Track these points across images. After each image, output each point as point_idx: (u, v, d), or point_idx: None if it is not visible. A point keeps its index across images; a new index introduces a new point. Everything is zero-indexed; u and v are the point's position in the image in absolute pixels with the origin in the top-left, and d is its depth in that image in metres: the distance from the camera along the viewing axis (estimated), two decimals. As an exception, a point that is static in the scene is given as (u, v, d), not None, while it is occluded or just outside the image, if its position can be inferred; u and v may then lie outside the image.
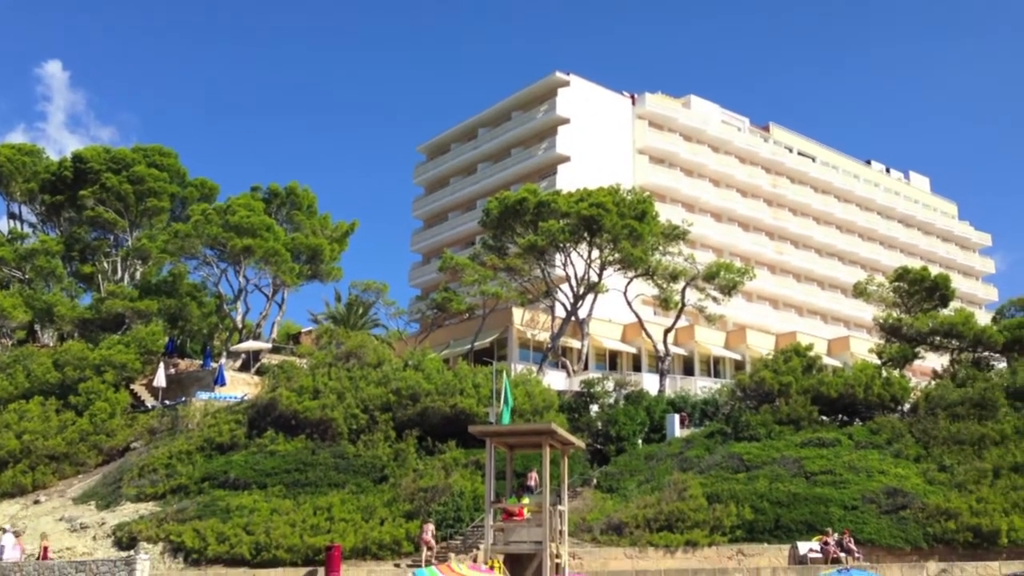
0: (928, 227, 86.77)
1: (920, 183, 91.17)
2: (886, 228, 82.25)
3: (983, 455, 34.37)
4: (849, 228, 79.37)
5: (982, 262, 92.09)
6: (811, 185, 77.46)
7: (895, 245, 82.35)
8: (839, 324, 72.74)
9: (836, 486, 31.76)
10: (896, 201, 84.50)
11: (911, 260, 69.65)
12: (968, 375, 41.84)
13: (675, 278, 49.55)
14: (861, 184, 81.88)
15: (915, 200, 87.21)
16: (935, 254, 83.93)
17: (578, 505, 31.45)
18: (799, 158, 77.88)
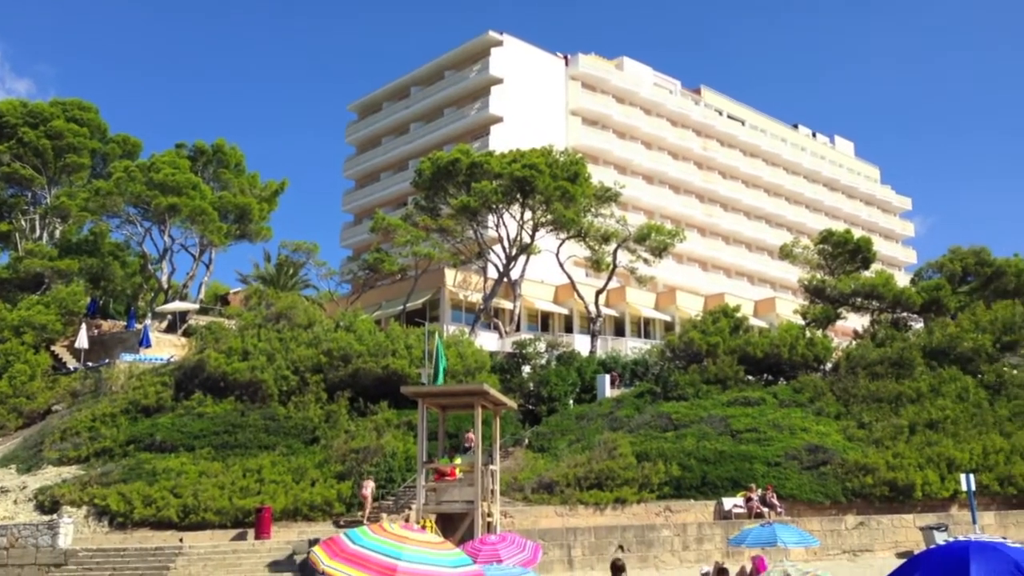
0: (852, 191, 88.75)
1: (845, 147, 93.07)
2: (812, 192, 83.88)
3: (900, 412, 35.66)
4: (776, 191, 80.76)
5: (902, 225, 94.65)
6: (740, 149, 78.46)
7: (820, 208, 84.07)
8: (766, 286, 74.21)
9: (760, 443, 32.62)
10: (822, 165, 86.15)
11: (835, 223, 71.15)
12: (887, 335, 43.18)
13: (607, 240, 49.91)
14: (788, 148, 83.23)
15: (840, 164, 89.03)
16: (858, 217, 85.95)
17: (510, 465, 31.75)
18: (729, 121, 78.73)
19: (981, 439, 33.69)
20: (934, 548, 11.52)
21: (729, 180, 76.44)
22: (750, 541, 18.79)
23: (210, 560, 23.84)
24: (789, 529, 19.01)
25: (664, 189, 70.56)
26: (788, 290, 70.32)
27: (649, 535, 26.30)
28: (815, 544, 21.57)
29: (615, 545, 25.57)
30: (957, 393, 37.49)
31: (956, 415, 35.49)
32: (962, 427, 34.74)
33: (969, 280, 50.90)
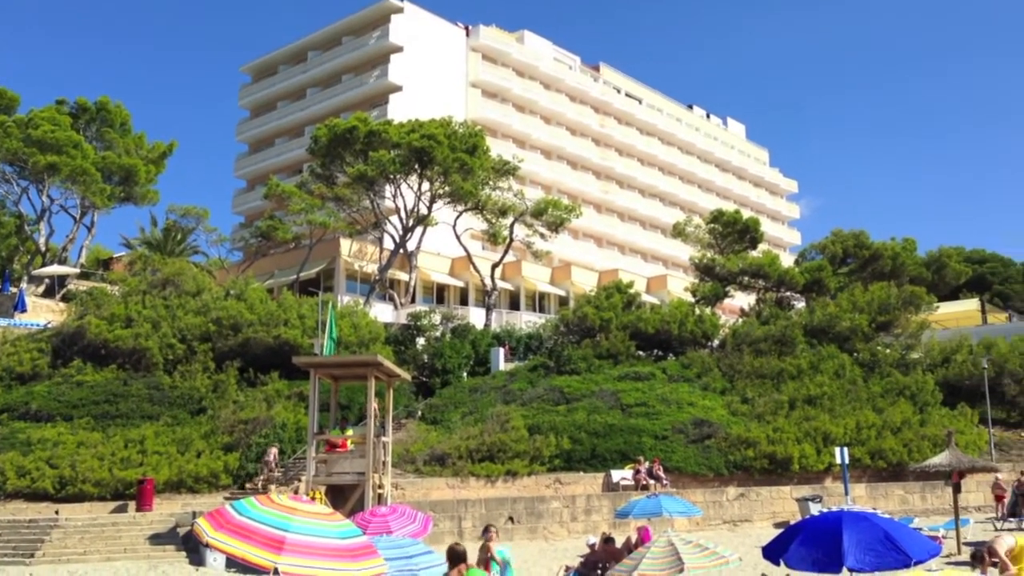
0: (742, 172, 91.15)
1: (737, 129, 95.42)
2: (704, 172, 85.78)
3: (781, 388, 37.02)
4: (671, 170, 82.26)
5: (788, 207, 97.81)
6: (637, 127, 79.51)
7: (712, 189, 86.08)
8: (658, 263, 75.72)
9: (649, 417, 33.39)
10: (714, 146, 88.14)
11: (726, 203, 73.00)
12: (771, 313, 44.68)
13: (504, 213, 49.99)
14: (683, 128, 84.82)
15: (731, 146, 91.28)
16: (747, 198, 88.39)
17: (402, 437, 31.66)
18: (627, 99, 79.66)
19: (855, 415, 35.27)
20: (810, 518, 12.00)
21: (625, 158, 77.46)
22: (636, 512, 19.26)
23: (87, 533, 23.02)
24: (674, 500, 19.56)
25: (562, 164, 71.03)
26: (679, 268, 71.90)
27: (539, 507, 26.66)
28: (698, 514, 22.30)
29: (505, 516, 25.84)
30: (834, 370, 39.13)
31: (833, 391, 37.03)
32: (838, 403, 36.29)
33: (849, 262, 53.02)
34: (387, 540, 12.10)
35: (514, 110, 68.34)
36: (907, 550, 9.43)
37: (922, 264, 56.43)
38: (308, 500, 9.46)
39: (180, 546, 22.55)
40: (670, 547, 12.47)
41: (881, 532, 9.79)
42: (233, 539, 7.93)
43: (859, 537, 9.68)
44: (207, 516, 8.36)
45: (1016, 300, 67.00)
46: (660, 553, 12.57)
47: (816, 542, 10.00)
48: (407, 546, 11.82)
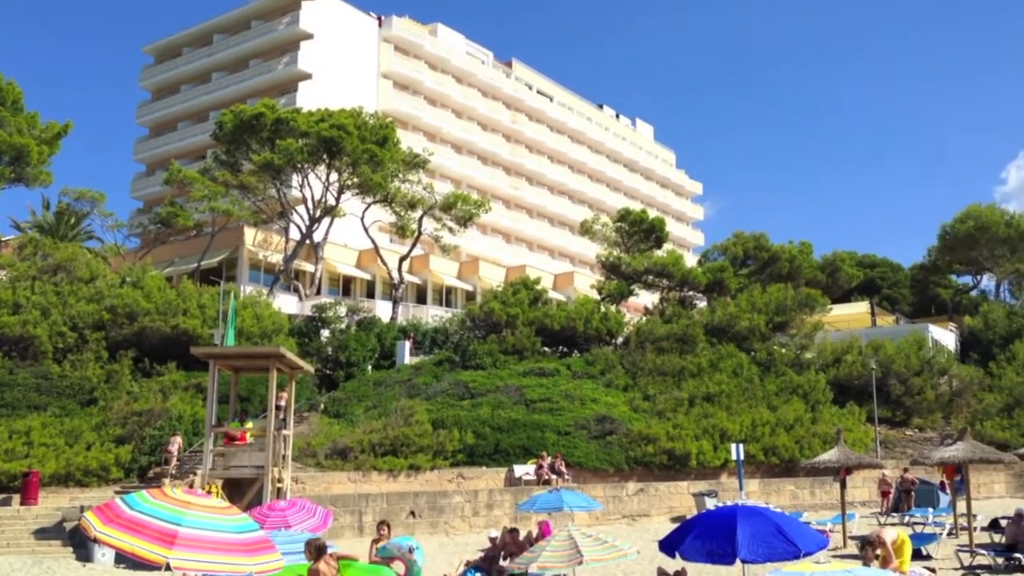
0: (650, 173, 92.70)
1: (645, 131, 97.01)
2: (613, 171, 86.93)
3: (682, 385, 37.81)
4: (580, 168, 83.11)
5: (693, 209, 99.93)
6: (548, 124, 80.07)
7: (620, 188, 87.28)
8: (566, 260, 76.42)
9: (553, 413, 33.67)
10: (623, 146, 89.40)
11: (633, 203, 74.14)
12: (674, 312, 45.58)
13: (413, 206, 49.71)
14: (593, 127, 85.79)
15: (640, 146, 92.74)
16: (654, 199, 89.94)
17: (304, 430, 31.20)
18: (538, 97, 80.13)
19: (751, 412, 36.27)
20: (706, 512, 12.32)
21: (536, 155, 77.92)
22: (538, 506, 19.41)
23: (-33, 528, 21.99)
24: (575, 495, 19.78)
25: (472, 159, 71.03)
26: (586, 265, 72.71)
27: (441, 501, 26.61)
28: (598, 509, 22.60)
29: (407, 511, 25.71)
30: (733, 369, 40.17)
31: (731, 389, 38.01)
32: (735, 401, 37.26)
33: (749, 263, 54.50)
34: (285, 535, 11.94)
35: (426, 103, 68.01)
36: (797, 542, 9.79)
37: (817, 267, 58.41)
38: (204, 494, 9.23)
39: (66, 541, 21.73)
40: (570, 540, 12.63)
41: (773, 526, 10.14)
42: (123, 533, 7.69)
43: (752, 530, 10.00)
44: (95, 510, 8.08)
45: (903, 304, 69.97)
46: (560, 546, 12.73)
47: (711, 535, 10.29)
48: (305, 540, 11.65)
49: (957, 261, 61.95)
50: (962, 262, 61.86)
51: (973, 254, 59.90)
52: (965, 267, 62.90)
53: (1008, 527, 19.57)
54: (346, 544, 22.62)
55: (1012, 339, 49.06)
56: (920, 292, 68.68)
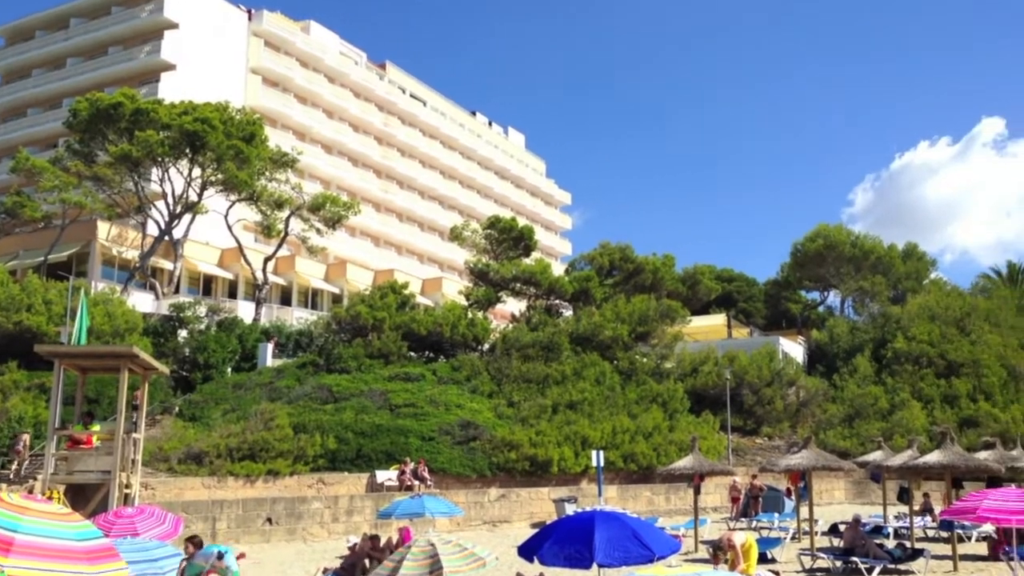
0: (520, 181, 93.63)
1: (517, 139, 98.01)
2: (484, 178, 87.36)
3: (546, 393, 38.31)
4: (451, 174, 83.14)
5: (561, 218, 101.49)
6: (421, 128, 79.78)
7: (490, 195, 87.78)
8: (434, 265, 76.24)
9: (417, 418, 33.52)
10: (495, 153, 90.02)
11: (503, 210, 74.59)
12: (540, 320, 46.19)
13: (280, 206, 48.60)
14: (466, 133, 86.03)
15: (511, 155, 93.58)
16: (524, 207, 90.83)
17: (156, 434, 30.00)
18: (412, 100, 79.77)
19: (612, 420, 37.09)
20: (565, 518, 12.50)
21: (407, 158, 77.50)
22: (399, 512, 19.25)
23: None
24: (437, 501, 19.73)
25: (343, 160, 70.02)
26: (455, 271, 72.76)
27: (299, 507, 26.06)
28: (459, 515, 22.61)
29: (263, 518, 25.05)
30: (596, 377, 40.99)
31: (593, 397, 38.78)
32: (597, 408, 38.03)
33: (615, 274, 55.73)
34: (131, 543, 11.43)
35: (296, 101, 66.64)
36: (651, 547, 10.07)
37: (679, 279, 60.32)
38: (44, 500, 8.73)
39: None
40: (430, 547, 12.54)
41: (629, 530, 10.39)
42: (-51, 543, 7.17)
43: (609, 535, 10.22)
44: (-80, 517, 7.50)
45: (757, 317, 73.06)
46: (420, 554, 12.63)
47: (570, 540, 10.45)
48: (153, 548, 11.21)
49: (807, 278, 65.23)
50: (811, 279, 65.17)
51: (821, 271, 63.18)
52: (814, 283, 66.28)
53: (846, 532, 20.64)
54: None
55: (854, 353, 51.97)
56: (773, 306, 71.89)
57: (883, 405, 45.33)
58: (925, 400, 46.15)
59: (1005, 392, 46.96)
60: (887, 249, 63.10)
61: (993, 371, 47.80)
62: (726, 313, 66.89)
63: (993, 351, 49.48)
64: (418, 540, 13.10)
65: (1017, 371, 48.52)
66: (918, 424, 41.96)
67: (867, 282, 60.37)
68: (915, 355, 49.31)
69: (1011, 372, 48.31)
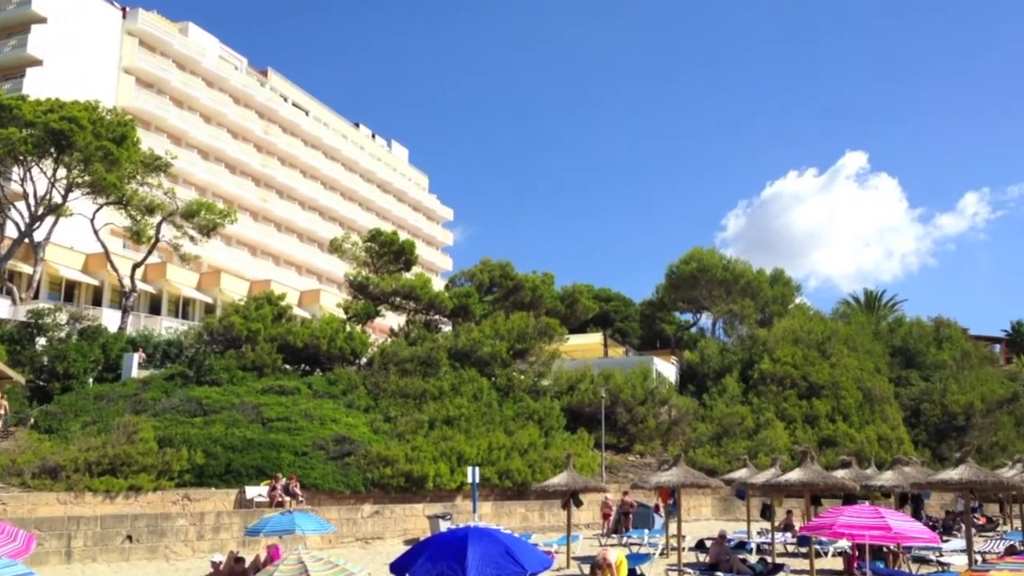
0: (403, 195, 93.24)
1: (400, 153, 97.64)
2: (366, 190, 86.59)
3: (423, 408, 38.11)
4: (333, 185, 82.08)
5: (443, 234, 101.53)
6: (302, 138, 78.54)
7: (372, 208, 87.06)
8: (313, 277, 75.01)
9: (290, 433, 32.78)
10: (378, 166, 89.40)
11: (384, 224, 74.11)
12: (419, 335, 45.98)
13: (151, 211, 46.87)
14: (349, 145, 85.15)
15: (394, 168, 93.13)
16: (406, 221, 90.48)
17: (8, 447, 28.35)
18: (294, 109, 78.48)
19: (489, 436, 37.18)
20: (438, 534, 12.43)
21: (288, 167, 76.11)
22: (268, 529, 18.75)
23: None
24: (308, 517, 19.30)
25: (220, 167, 68.18)
26: (334, 284, 71.76)
27: (163, 524, 25.05)
28: (331, 531, 22.18)
29: (123, 535, 23.96)
30: (473, 393, 41.04)
31: (471, 413, 38.79)
32: (474, 424, 38.07)
33: (494, 290, 56.02)
34: (-24, 562, 10.71)
35: (172, 104, 64.54)
36: (523, 563, 10.13)
37: (558, 298, 61.08)
38: None
39: None
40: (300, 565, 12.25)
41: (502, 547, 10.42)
42: None
43: (482, 551, 10.23)
44: None
45: (633, 336, 74.71)
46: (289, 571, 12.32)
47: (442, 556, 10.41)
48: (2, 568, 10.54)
49: (681, 299, 67.19)
50: (685, 300, 67.17)
51: (694, 293, 65.18)
52: (687, 305, 68.33)
53: (711, 547, 21.28)
54: (51, 571, 20.77)
55: (723, 374, 53.77)
56: (648, 326, 73.68)
57: (749, 424, 47.02)
58: (788, 420, 48.12)
59: (861, 413, 49.43)
60: (756, 274, 65.58)
61: (850, 393, 50.25)
62: (603, 332, 68.12)
63: (851, 374, 52.04)
64: (287, 558, 12.77)
65: (872, 393, 51.18)
66: (781, 443, 43.68)
67: (737, 305, 62.55)
68: (780, 376, 51.35)
69: (866, 394, 50.92)
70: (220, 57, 70.66)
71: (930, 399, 53.78)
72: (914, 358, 60.56)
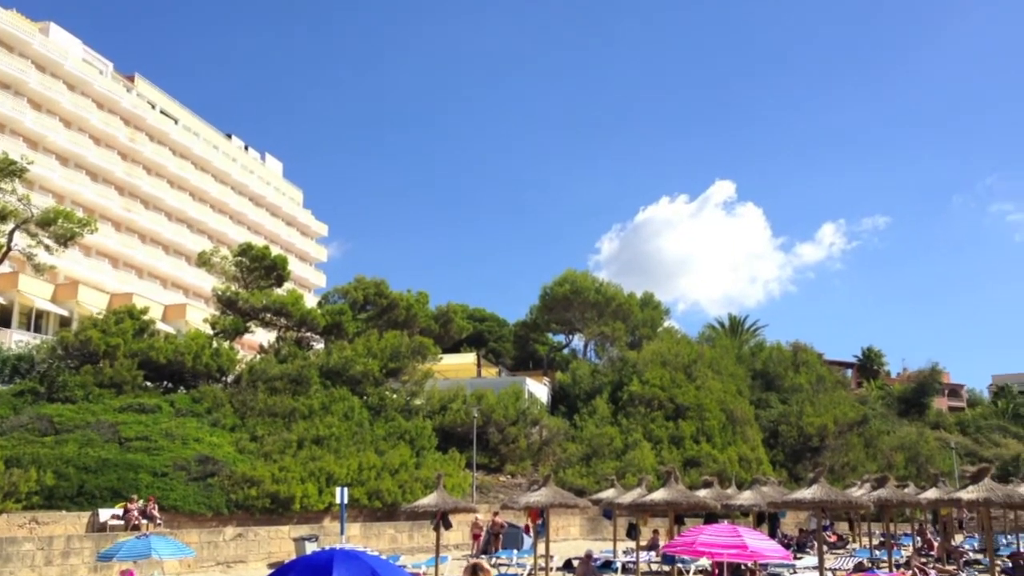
0: (276, 209, 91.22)
1: (274, 166, 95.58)
2: (237, 203, 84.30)
3: (292, 427, 37.29)
4: (202, 197, 79.56)
5: (317, 250, 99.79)
6: (170, 147, 75.91)
7: (244, 221, 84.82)
8: (179, 291, 72.41)
9: (150, 452, 31.52)
10: (250, 179, 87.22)
11: (256, 238, 72.30)
12: (290, 352, 45.01)
13: (3, 218, 44.31)
14: (220, 156, 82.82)
15: (268, 182, 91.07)
16: (279, 236, 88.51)
17: None
18: (162, 117, 75.82)
19: (359, 456, 36.66)
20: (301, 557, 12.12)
21: (155, 177, 73.36)
22: (122, 554, 17.93)
23: None
24: (165, 541, 18.55)
25: (80, 174, 65.12)
26: (202, 298, 69.46)
27: (8, 549, 23.58)
28: (190, 555, 21.34)
29: (-38, 562, 22.45)
30: (344, 412, 40.43)
31: (341, 433, 38.18)
32: (344, 444, 37.47)
33: (368, 308, 55.46)
34: None
35: (29, 106, 61.35)
36: (390, 586, 9.95)
37: (432, 317, 60.97)
38: None
39: None
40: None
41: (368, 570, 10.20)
42: None
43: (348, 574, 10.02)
44: None
45: (506, 357, 75.22)
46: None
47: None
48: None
49: (554, 321, 68.10)
50: (558, 322, 68.12)
51: (568, 315, 66.18)
52: (560, 327, 69.32)
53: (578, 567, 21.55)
54: None
55: (594, 395, 54.72)
56: (521, 347, 74.33)
57: (618, 445, 47.93)
58: (655, 441, 49.30)
59: (724, 434, 51.13)
60: (627, 297, 67.16)
61: (714, 415, 51.94)
62: (477, 352, 68.32)
63: (715, 396, 53.81)
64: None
65: (734, 415, 53.03)
66: (648, 463, 44.68)
67: (608, 327, 63.83)
68: (648, 398, 52.62)
69: (729, 416, 52.72)
70: (84, 60, 67.69)
71: (787, 421, 56.16)
72: (773, 381, 63.19)
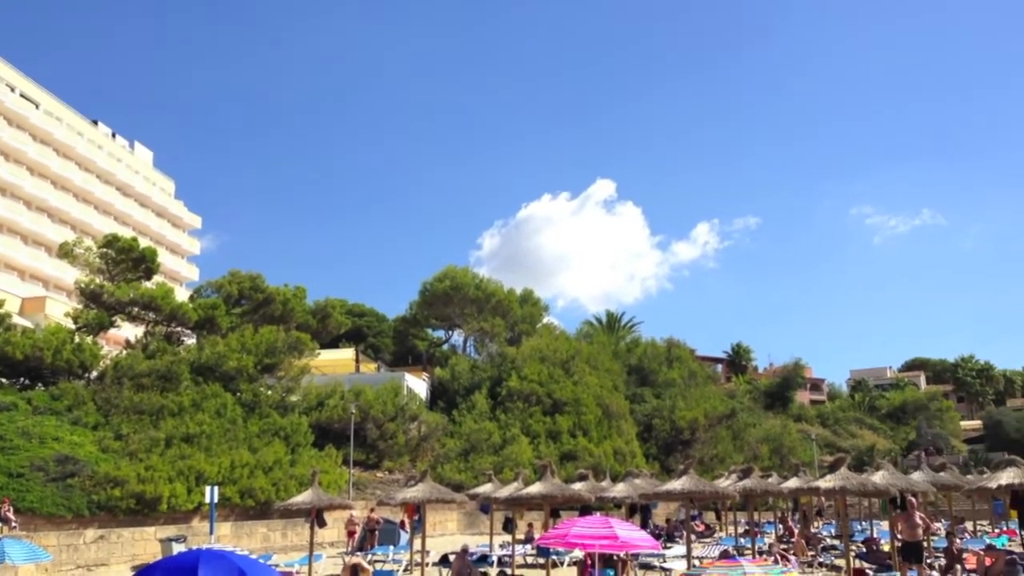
0: (145, 200, 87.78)
1: (144, 155, 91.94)
2: (103, 193, 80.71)
3: (160, 425, 36.02)
4: (65, 185, 75.81)
5: (190, 242, 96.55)
6: (31, 132, 72.06)
7: (110, 212, 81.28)
8: (38, 283, 68.89)
9: (4, 452, 30.02)
10: (117, 168, 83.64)
11: (124, 229, 69.41)
12: (159, 348, 43.44)
13: None
14: (85, 143, 79.12)
15: (136, 171, 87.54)
16: (148, 227, 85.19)
17: None
18: (22, 100, 71.87)
19: (231, 453, 35.70)
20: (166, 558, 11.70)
21: (13, 163, 69.52)
22: (-29, 560, 16.95)
23: None
24: (20, 545, 17.64)
25: (-70, 157, 61.23)
26: (63, 291, 66.27)
27: None
28: (47, 559, 20.36)
29: None
30: (216, 409, 39.29)
31: (213, 430, 37.10)
32: (216, 441, 36.43)
33: (243, 303, 54.01)
34: None
35: None
36: (258, 586, 9.72)
37: (309, 312, 59.83)
38: None
39: None
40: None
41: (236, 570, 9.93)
42: None
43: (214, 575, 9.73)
44: None
45: (385, 352, 74.60)
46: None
47: (171, 582, 9.80)
48: None
49: (434, 316, 67.91)
50: (438, 317, 67.97)
51: (447, 311, 66.14)
52: (440, 322, 69.19)
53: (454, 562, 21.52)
54: None
55: (473, 390, 54.87)
56: (401, 342, 73.86)
57: (496, 440, 48.21)
58: (533, 435, 49.81)
59: (600, 429, 52.10)
60: (507, 293, 67.56)
61: (591, 410, 52.85)
62: (355, 348, 67.51)
63: (591, 391, 54.76)
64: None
65: (610, 410, 54.11)
66: (525, 458, 45.11)
67: (488, 323, 64.09)
68: (526, 393, 53.11)
69: (605, 411, 53.76)
70: (-64, 35, 63.66)
71: (661, 415, 57.68)
72: (648, 376, 64.78)
